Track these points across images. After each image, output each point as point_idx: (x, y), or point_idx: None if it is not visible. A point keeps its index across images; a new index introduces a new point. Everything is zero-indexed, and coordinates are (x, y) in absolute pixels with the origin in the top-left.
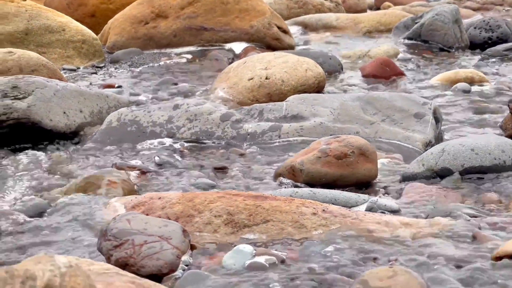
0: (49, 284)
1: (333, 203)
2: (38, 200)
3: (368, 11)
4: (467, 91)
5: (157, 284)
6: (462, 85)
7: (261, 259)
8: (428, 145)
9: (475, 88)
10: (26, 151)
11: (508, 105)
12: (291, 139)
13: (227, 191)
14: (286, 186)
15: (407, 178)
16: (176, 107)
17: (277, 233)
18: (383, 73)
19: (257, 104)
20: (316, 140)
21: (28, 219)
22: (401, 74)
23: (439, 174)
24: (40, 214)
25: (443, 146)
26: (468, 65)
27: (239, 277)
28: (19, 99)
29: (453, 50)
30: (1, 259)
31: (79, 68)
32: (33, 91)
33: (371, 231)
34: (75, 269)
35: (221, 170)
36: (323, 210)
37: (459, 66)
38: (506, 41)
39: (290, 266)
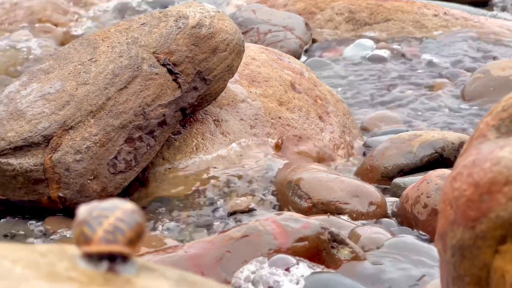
0: (200, 22)
1: None
2: None
3: None
4: None
5: None
6: None
7: (382, 52)
8: None
9: None
10: None
11: None
12: None
13: None
14: None
15: None
16: None
17: (397, 32)
18: None
19: None
20: None
21: None
22: None
23: None
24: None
25: None
26: None
27: (360, 66)
28: None
29: None
30: None
31: None
32: None
33: (493, 34)
34: (222, 14)
35: None
36: (445, 12)
37: None
38: None
39: (410, 59)
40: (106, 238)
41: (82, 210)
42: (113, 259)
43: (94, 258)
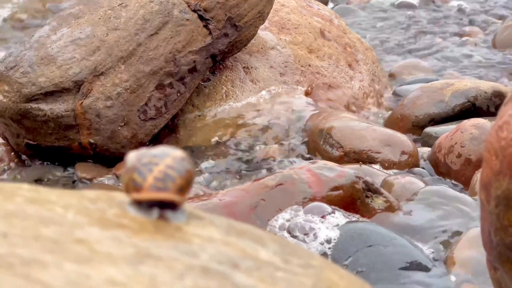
0: None
1: None
2: None
3: None
4: None
5: None
6: None
7: None
8: None
9: None
10: None
11: None
12: None
13: None
14: None
15: None
16: None
17: None
18: None
19: None
20: None
21: None
22: None
23: None
24: None
25: None
26: None
27: (388, 14)
28: None
29: None
30: None
31: None
32: None
33: None
34: None
35: None
36: None
37: None
38: None
39: (439, 6)
40: (156, 186)
41: (131, 157)
42: (163, 207)
43: (144, 205)
